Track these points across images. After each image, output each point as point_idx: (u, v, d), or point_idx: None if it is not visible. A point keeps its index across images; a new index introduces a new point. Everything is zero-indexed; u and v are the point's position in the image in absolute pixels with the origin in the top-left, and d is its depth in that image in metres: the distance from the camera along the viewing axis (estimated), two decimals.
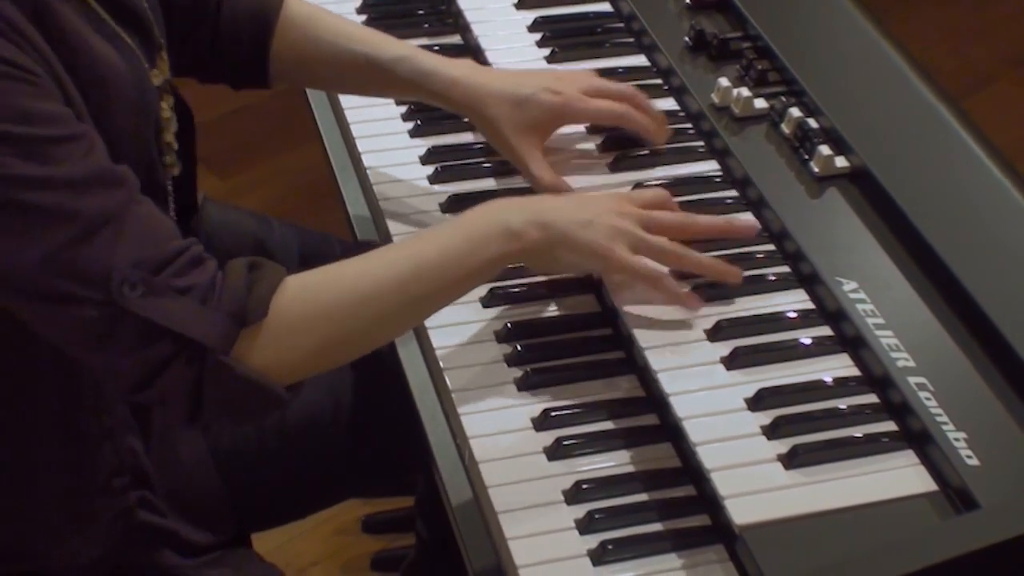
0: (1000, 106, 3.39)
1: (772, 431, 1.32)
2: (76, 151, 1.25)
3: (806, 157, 1.56)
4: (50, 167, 1.22)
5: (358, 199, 1.71)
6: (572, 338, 1.49)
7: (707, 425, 1.33)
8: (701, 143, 1.66)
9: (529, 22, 1.86)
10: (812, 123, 1.58)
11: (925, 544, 1.18)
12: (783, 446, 1.31)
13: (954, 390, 1.31)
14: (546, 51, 1.80)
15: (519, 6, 1.89)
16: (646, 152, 1.64)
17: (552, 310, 1.51)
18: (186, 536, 1.54)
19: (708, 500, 1.32)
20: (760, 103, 1.63)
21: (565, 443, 1.37)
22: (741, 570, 1.26)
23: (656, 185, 1.57)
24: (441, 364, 1.45)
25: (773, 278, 1.48)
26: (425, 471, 1.79)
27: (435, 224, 1.60)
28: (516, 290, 1.52)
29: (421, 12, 1.95)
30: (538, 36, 1.83)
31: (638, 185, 1.59)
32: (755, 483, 1.27)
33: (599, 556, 1.28)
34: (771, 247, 1.51)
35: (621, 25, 1.86)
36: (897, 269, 1.43)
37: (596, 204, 1.45)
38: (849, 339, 1.40)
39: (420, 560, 2.09)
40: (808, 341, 1.41)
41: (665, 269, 1.44)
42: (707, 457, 1.30)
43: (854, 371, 1.38)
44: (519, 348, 1.46)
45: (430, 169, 1.68)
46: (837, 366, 1.39)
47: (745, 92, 1.63)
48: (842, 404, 1.35)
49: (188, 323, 1.27)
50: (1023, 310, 1.35)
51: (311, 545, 2.47)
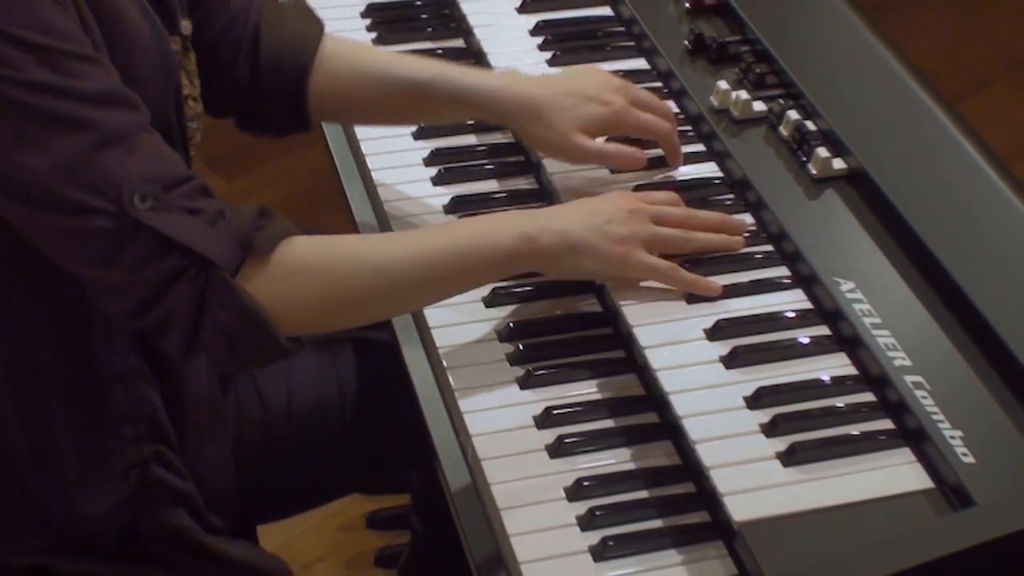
0: (995, 109, 3.39)
1: (771, 429, 1.32)
2: (94, 71, 1.27)
3: (804, 159, 1.56)
4: (68, 79, 1.24)
5: (362, 201, 1.71)
6: (573, 337, 1.49)
7: (706, 423, 1.33)
8: (701, 145, 1.66)
9: (531, 26, 1.86)
10: (810, 125, 1.58)
11: (921, 541, 1.18)
12: (781, 444, 1.31)
13: (950, 389, 1.31)
14: (547, 54, 1.80)
15: (521, 10, 1.89)
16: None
17: (553, 310, 1.51)
18: (199, 506, 1.53)
19: (708, 497, 1.32)
20: (759, 106, 1.63)
21: (566, 441, 1.37)
22: (740, 566, 1.26)
23: (656, 186, 1.58)
24: (444, 363, 1.45)
25: (771, 278, 1.48)
26: (420, 468, 1.80)
27: (435, 220, 1.61)
28: (518, 290, 1.52)
29: (424, 16, 1.95)
30: (539, 40, 1.83)
31: (639, 187, 1.59)
32: (754, 480, 1.27)
33: (600, 552, 1.28)
34: (770, 248, 1.51)
35: (621, 29, 1.86)
36: (894, 269, 1.43)
37: (607, 206, 1.45)
38: (846, 338, 1.40)
39: (415, 556, 2.09)
40: (806, 340, 1.41)
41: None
42: (706, 455, 1.30)
43: (851, 370, 1.38)
44: (521, 347, 1.46)
45: (433, 171, 1.68)
46: (835, 365, 1.39)
47: (744, 95, 1.63)
48: (840, 402, 1.35)
49: (196, 238, 1.28)
50: (1018, 310, 1.35)
51: (316, 541, 2.47)
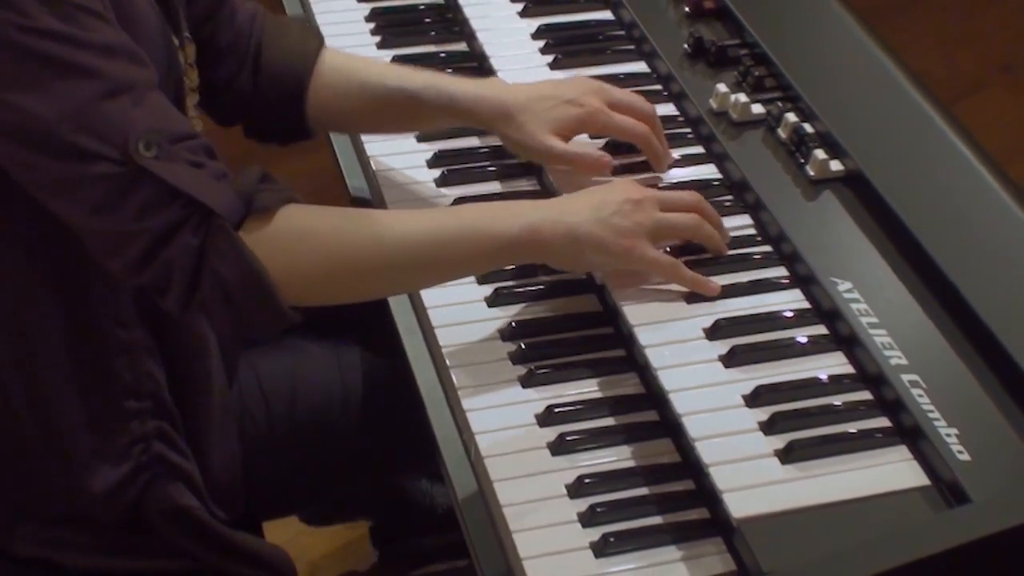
0: (990, 111, 3.39)
1: (769, 427, 1.32)
2: (104, 26, 1.27)
3: (802, 161, 1.56)
4: (80, 30, 1.25)
5: (367, 203, 1.71)
6: (574, 336, 1.49)
7: (706, 421, 1.33)
8: (700, 147, 1.66)
9: (533, 30, 1.86)
10: (808, 128, 1.58)
11: (918, 537, 1.18)
12: (780, 441, 1.31)
13: (946, 387, 1.31)
14: (549, 58, 1.80)
15: (523, 14, 1.89)
16: (647, 157, 1.63)
17: (555, 309, 1.51)
18: (201, 488, 1.52)
19: (707, 494, 1.32)
20: (757, 108, 1.63)
21: (568, 439, 1.37)
22: (739, 562, 1.27)
23: (656, 188, 1.58)
24: (447, 362, 1.45)
25: (770, 278, 1.48)
26: (423, 464, 1.79)
27: None
28: (520, 290, 1.52)
29: (428, 20, 1.95)
30: (541, 43, 1.83)
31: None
32: (752, 477, 1.27)
33: (601, 548, 1.28)
34: (768, 248, 1.51)
35: (622, 33, 1.86)
36: (890, 270, 1.43)
37: (613, 197, 1.44)
38: (844, 338, 1.40)
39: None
40: (804, 340, 1.41)
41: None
42: (706, 452, 1.30)
43: (849, 369, 1.38)
44: (523, 346, 1.46)
45: (437, 173, 1.68)
46: (832, 364, 1.39)
47: (743, 98, 1.63)
48: (837, 401, 1.35)
49: (200, 188, 1.28)
50: (1013, 309, 1.35)
51: (321, 538, 2.47)
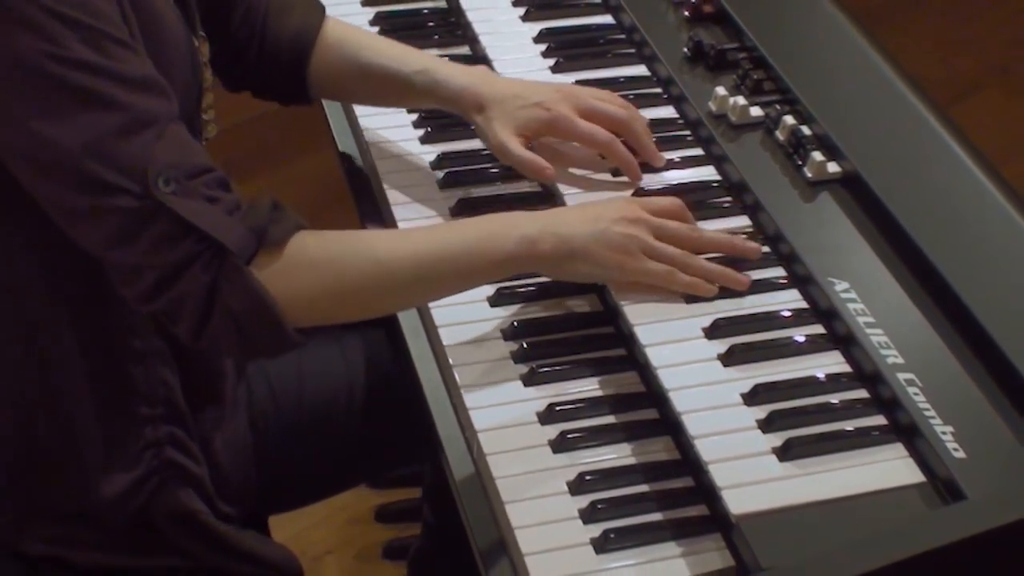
0: (985, 114, 3.38)
1: (767, 425, 1.32)
2: (132, 57, 1.28)
3: (800, 163, 1.56)
4: (110, 60, 1.26)
5: (371, 203, 1.71)
6: (575, 336, 1.49)
7: (705, 419, 1.33)
8: (699, 149, 1.66)
9: (535, 33, 1.86)
10: (805, 130, 1.58)
11: (914, 533, 1.18)
12: (778, 439, 1.31)
13: (941, 386, 1.31)
14: (551, 61, 1.80)
15: (525, 18, 1.89)
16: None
17: (556, 309, 1.52)
18: (211, 490, 1.52)
19: (706, 491, 1.32)
20: (756, 111, 1.63)
21: (569, 436, 1.37)
22: (737, 558, 1.27)
23: (657, 190, 1.58)
24: (450, 361, 1.45)
25: (768, 278, 1.48)
26: (432, 461, 1.79)
27: (439, 219, 1.62)
28: (522, 290, 1.52)
29: (432, 24, 1.95)
30: (543, 47, 1.83)
31: (640, 191, 1.59)
32: (751, 475, 1.27)
33: (602, 544, 1.28)
34: (766, 249, 1.51)
35: (623, 36, 1.86)
36: (887, 270, 1.43)
37: (609, 213, 1.44)
38: (841, 337, 1.40)
39: (427, 545, 2.09)
40: (802, 339, 1.41)
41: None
42: (705, 450, 1.30)
43: (846, 368, 1.38)
44: (525, 345, 1.46)
45: (440, 174, 1.68)
46: (829, 363, 1.39)
47: (741, 101, 1.63)
48: (834, 399, 1.35)
49: (213, 224, 1.29)
50: (1008, 309, 1.35)
51: (325, 534, 2.47)
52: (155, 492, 1.48)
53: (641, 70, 1.80)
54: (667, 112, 1.72)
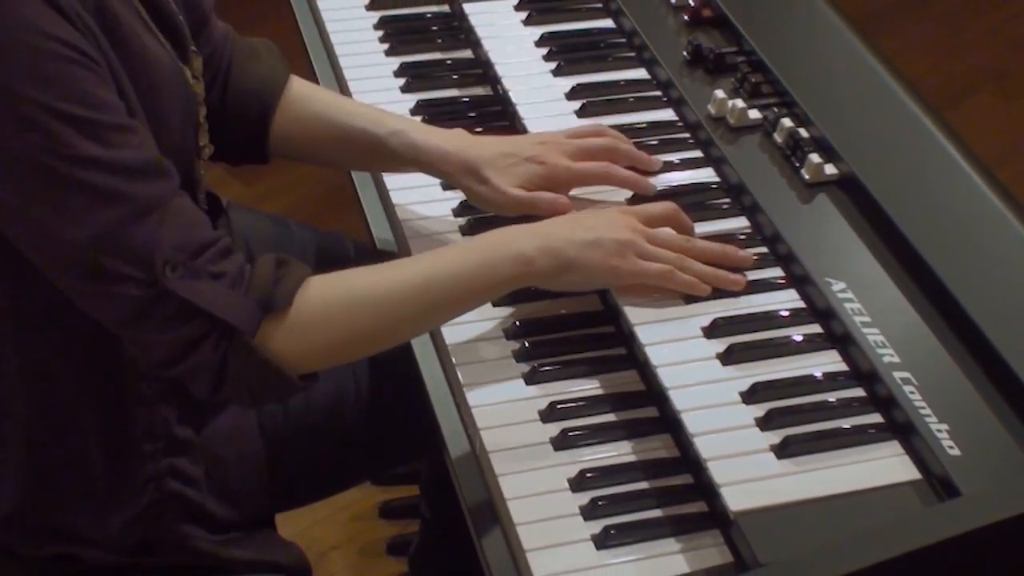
0: (980, 117, 3.38)
1: (765, 423, 1.32)
2: (132, 140, 1.27)
3: (797, 165, 1.56)
4: (111, 150, 1.24)
5: (375, 203, 1.71)
6: (577, 335, 1.49)
7: (704, 417, 1.33)
8: (698, 152, 1.66)
9: (536, 37, 1.85)
10: (803, 133, 1.58)
11: (909, 529, 1.18)
12: (776, 437, 1.31)
13: (937, 384, 1.31)
14: (552, 65, 1.80)
15: (527, 22, 1.89)
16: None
17: (558, 309, 1.51)
18: (213, 510, 1.53)
19: (705, 488, 1.32)
20: (754, 114, 1.62)
21: (570, 434, 1.37)
22: (736, 554, 1.27)
23: (657, 191, 1.58)
24: (453, 360, 1.45)
25: (766, 279, 1.48)
26: (429, 458, 1.80)
27: (447, 224, 1.62)
28: (524, 290, 1.51)
29: (435, 28, 1.95)
30: (545, 51, 1.83)
31: (633, 199, 1.58)
32: (749, 472, 1.27)
33: (602, 540, 1.28)
34: (764, 250, 1.51)
35: (623, 40, 1.86)
36: (883, 270, 1.43)
37: (604, 222, 1.44)
38: (838, 336, 1.40)
39: (425, 541, 2.09)
40: (799, 338, 1.41)
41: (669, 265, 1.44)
42: (704, 447, 1.30)
43: (842, 366, 1.38)
44: (527, 344, 1.46)
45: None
46: (826, 362, 1.39)
47: (740, 104, 1.63)
48: (831, 397, 1.35)
49: (220, 305, 1.29)
50: (1003, 309, 1.35)
51: (330, 530, 2.47)
52: (155, 523, 1.49)
53: (641, 73, 1.80)
54: (667, 115, 1.72)
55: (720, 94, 1.65)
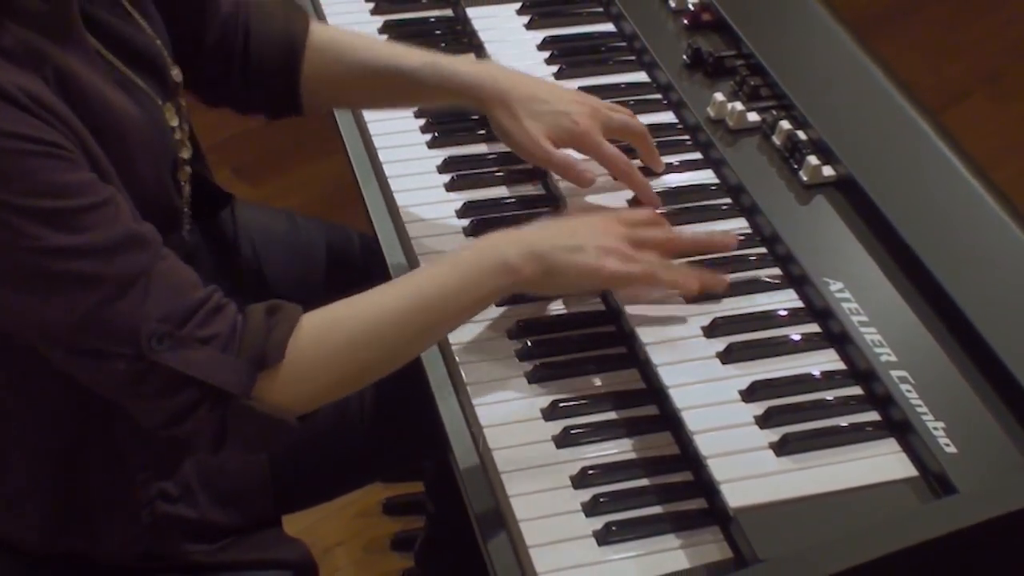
0: (975, 119, 3.38)
1: (764, 421, 1.32)
2: (104, 217, 1.23)
3: (795, 167, 1.55)
4: (82, 235, 1.20)
5: (380, 205, 1.70)
6: (578, 334, 1.49)
7: (704, 415, 1.33)
8: (698, 153, 1.66)
9: (538, 41, 1.85)
10: (801, 135, 1.58)
11: (907, 526, 1.18)
12: (774, 435, 1.31)
13: (933, 383, 1.31)
14: (554, 68, 1.80)
15: (529, 26, 1.89)
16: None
17: (559, 308, 1.51)
18: (215, 519, 1.53)
19: (705, 485, 1.31)
20: (753, 116, 1.62)
21: (572, 432, 1.37)
22: (735, 550, 1.26)
23: (657, 192, 1.58)
24: (457, 359, 1.45)
25: (765, 279, 1.48)
26: (435, 455, 1.79)
27: (450, 225, 1.61)
28: None
29: (438, 32, 1.95)
30: (546, 54, 1.83)
31: (631, 201, 1.58)
32: (748, 469, 1.27)
33: (604, 536, 1.28)
34: (763, 250, 1.51)
35: (623, 44, 1.86)
36: (880, 270, 1.43)
37: (586, 228, 1.42)
38: (836, 335, 1.40)
39: (431, 537, 2.09)
40: (797, 337, 1.41)
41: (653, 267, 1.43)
42: (704, 445, 1.30)
43: (840, 365, 1.38)
44: (529, 344, 1.46)
45: (447, 177, 1.68)
46: (824, 360, 1.39)
47: (739, 106, 1.62)
48: (829, 396, 1.35)
49: (212, 371, 1.26)
50: (998, 308, 1.35)
51: (335, 527, 2.47)
52: (156, 540, 1.49)
53: (641, 76, 1.80)
54: (666, 117, 1.72)
55: (719, 97, 1.65)
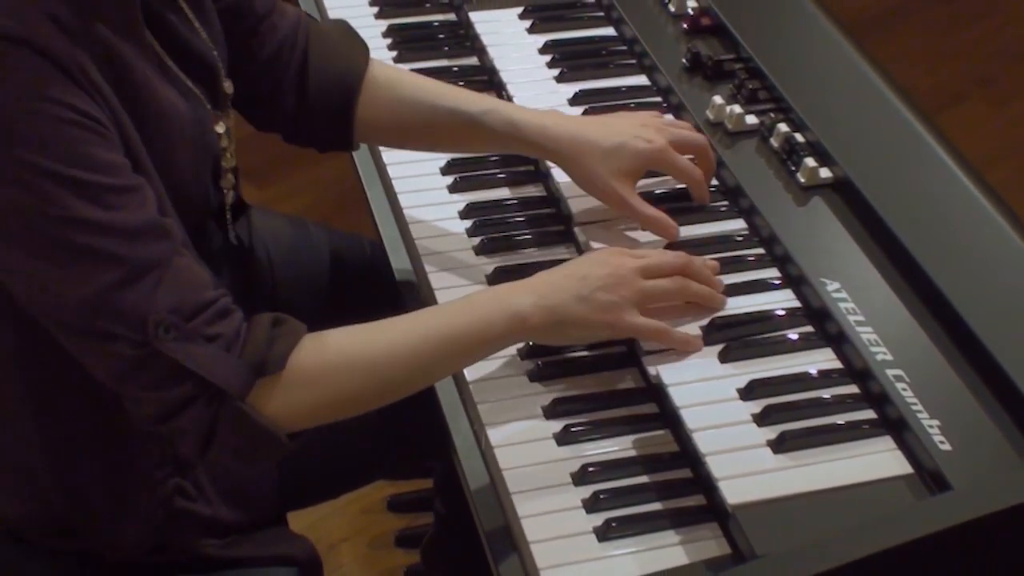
0: (970, 122, 3.38)
1: (762, 419, 1.32)
2: (133, 201, 1.23)
3: (793, 169, 1.55)
4: (109, 213, 1.21)
5: (384, 207, 1.70)
6: None
7: (702, 413, 1.33)
8: None
9: (540, 45, 1.85)
10: (799, 137, 1.58)
11: (902, 522, 1.18)
12: (772, 432, 1.30)
13: (928, 381, 1.31)
14: (555, 71, 1.80)
15: (531, 30, 1.89)
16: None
17: None
18: (224, 516, 1.53)
19: (703, 482, 1.32)
20: (751, 119, 1.62)
21: (573, 429, 1.37)
22: (733, 546, 1.26)
23: (657, 193, 1.58)
24: None
25: (763, 279, 1.48)
26: (443, 455, 1.79)
27: (451, 225, 1.62)
28: None
29: (442, 36, 1.95)
30: (548, 58, 1.83)
31: (646, 195, 1.58)
32: (746, 466, 1.27)
33: (604, 532, 1.28)
34: (761, 251, 1.51)
35: (624, 48, 1.86)
36: (876, 271, 1.43)
37: (601, 275, 1.38)
38: (832, 335, 1.40)
39: (438, 535, 2.09)
40: (795, 337, 1.41)
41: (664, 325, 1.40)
42: (702, 442, 1.30)
43: (837, 364, 1.38)
44: (531, 344, 1.46)
45: (449, 179, 1.68)
46: (821, 359, 1.39)
47: (737, 109, 1.62)
48: (826, 394, 1.35)
49: (212, 368, 1.25)
50: (992, 307, 1.35)
51: (340, 523, 2.47)
52: (168, 534, 1.49)
53: (642, 80, 1.79)
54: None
55: (718, 100, 1.64)
